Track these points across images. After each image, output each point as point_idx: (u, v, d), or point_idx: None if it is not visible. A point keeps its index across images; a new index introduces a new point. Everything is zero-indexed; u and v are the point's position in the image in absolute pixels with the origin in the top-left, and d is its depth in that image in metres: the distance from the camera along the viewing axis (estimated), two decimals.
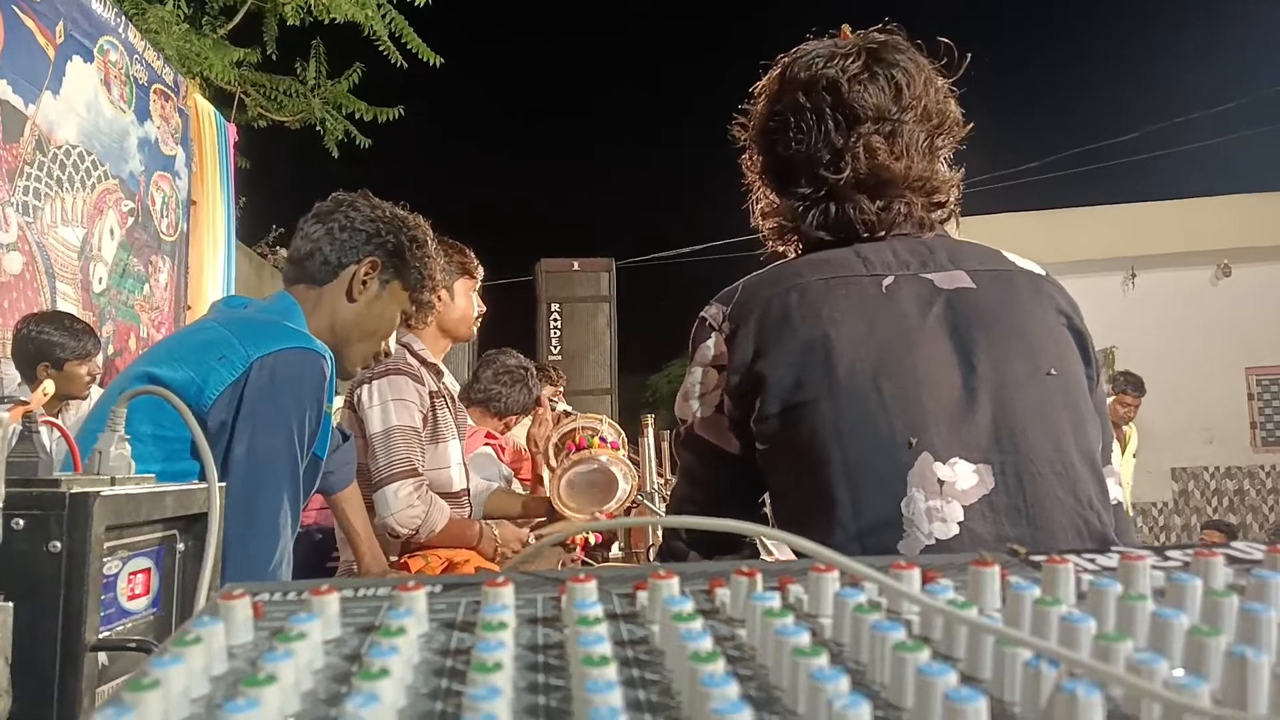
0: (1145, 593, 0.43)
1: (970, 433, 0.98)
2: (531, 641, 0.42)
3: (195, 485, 0.93)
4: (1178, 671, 0.35)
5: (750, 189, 1.27)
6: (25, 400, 0.83)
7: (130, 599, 0.84)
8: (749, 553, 1.19)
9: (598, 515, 2.39)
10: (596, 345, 7.48)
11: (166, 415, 1.30)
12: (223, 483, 0.95)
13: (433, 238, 1.74)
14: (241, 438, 1.34)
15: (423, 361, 2.37)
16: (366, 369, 1.96)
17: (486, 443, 3.09)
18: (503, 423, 3.30)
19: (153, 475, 0.93)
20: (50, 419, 0.86)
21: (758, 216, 1.26)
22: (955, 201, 1.18)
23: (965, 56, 1.17)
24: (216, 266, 6.13)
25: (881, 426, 0.99)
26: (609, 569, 0.55)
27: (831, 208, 1.13)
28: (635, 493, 2.43)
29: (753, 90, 1.22)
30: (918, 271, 1.08)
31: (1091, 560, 0.53)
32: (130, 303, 5.09)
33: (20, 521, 0.72)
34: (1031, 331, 1.06)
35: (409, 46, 7.94)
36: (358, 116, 8.51)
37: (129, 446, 0.92)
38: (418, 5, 7.69)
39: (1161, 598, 0.44)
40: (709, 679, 0.32)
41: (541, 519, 2.60)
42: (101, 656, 0.76)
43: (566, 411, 2.76)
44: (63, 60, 4.36)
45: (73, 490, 0.74)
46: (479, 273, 2.52)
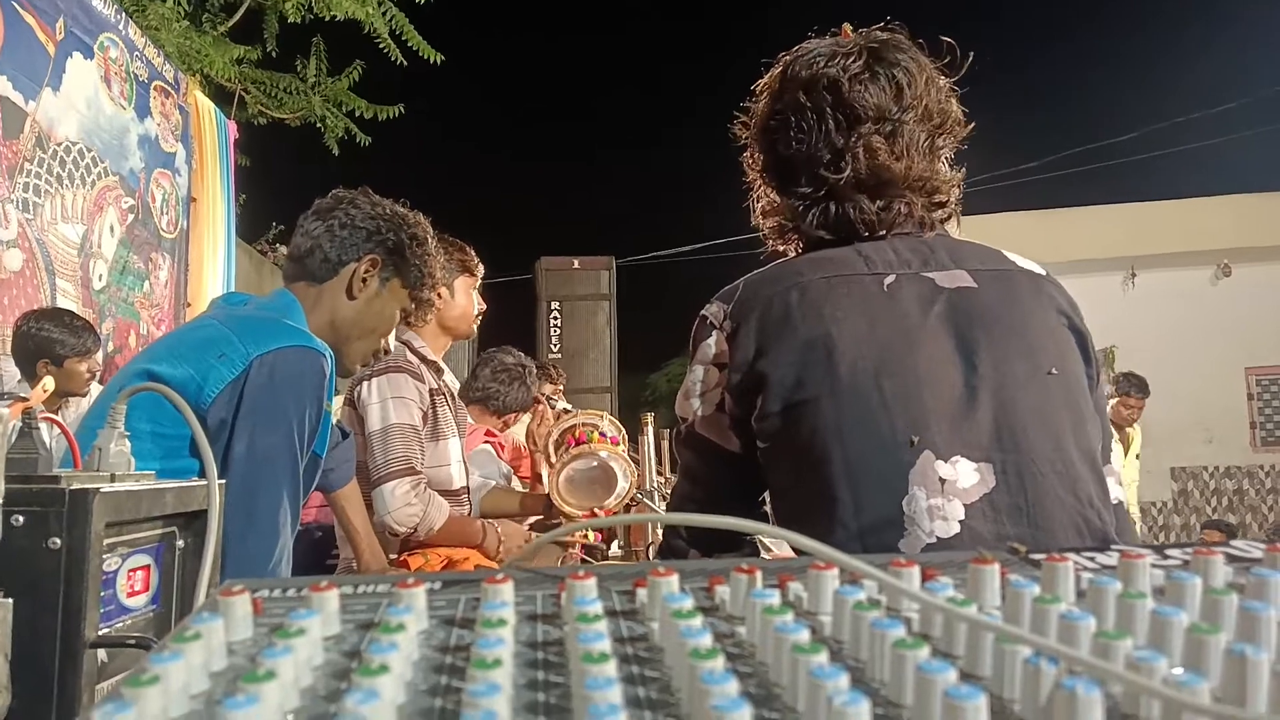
0: (1145, 591, 0.44)
1: (971, 431, 0.98)
2: (531, 638, 0.42)
3: (195, 482, 0.93)
4: (1177, 669, 0.35)
5: (751, 187, 1.27)
6: (25, 397, 0.83)
7: (130, 596, 0.84)
8: (749, 551, 1.19)
9: (597, 512, 2.39)
10: (596, 344, 7.49)
11: (165, 413, 1.30)
12: (222, 480, 0.95)
13: (433, 235, 1.74)
14: (241, 436, 1.34)
15: (423, 359, 2.37)
16: (366, 366, 1.96)
17: (486, 440, 3.09)
18: (501, 420, 3.30)
19: (152, 472, 0.93)
20: (50, 415, 0.86)
21: (758, 215, 1.26)
22: (956, 201, 1.18)
23: (967, 56, 1.17)
24: (216, 264, 6.12)
25: (883, 425, 0.99)
26: (608, 566, 0.55)
27: (831, 207, 1.13)
28: (634, 490, 2.43)
29: (754, 89, 1.22)
30: (919, 270, 1.08)
31: (1091, 558, 0.53)
32: (130, 300, 5.09)
33: (20, 518, 0.72)
34: (1032, 331, 1.06)
35: (409, 44, 7.93)
36: (358, 114, 8.51)
37: (129, 443, 0.92)
38: (418, 3, 7.69)
39: (1161, 596, 0.44)
40: (708, 676, 0.32)
41: (539, 517, 2.60)
42: (101, 653, 0.76)
43: (566, 410, 2.76)
44: (63, 57, 4.36)
45: (72, 487, 0.74)
46: (479, 270, 2.52)
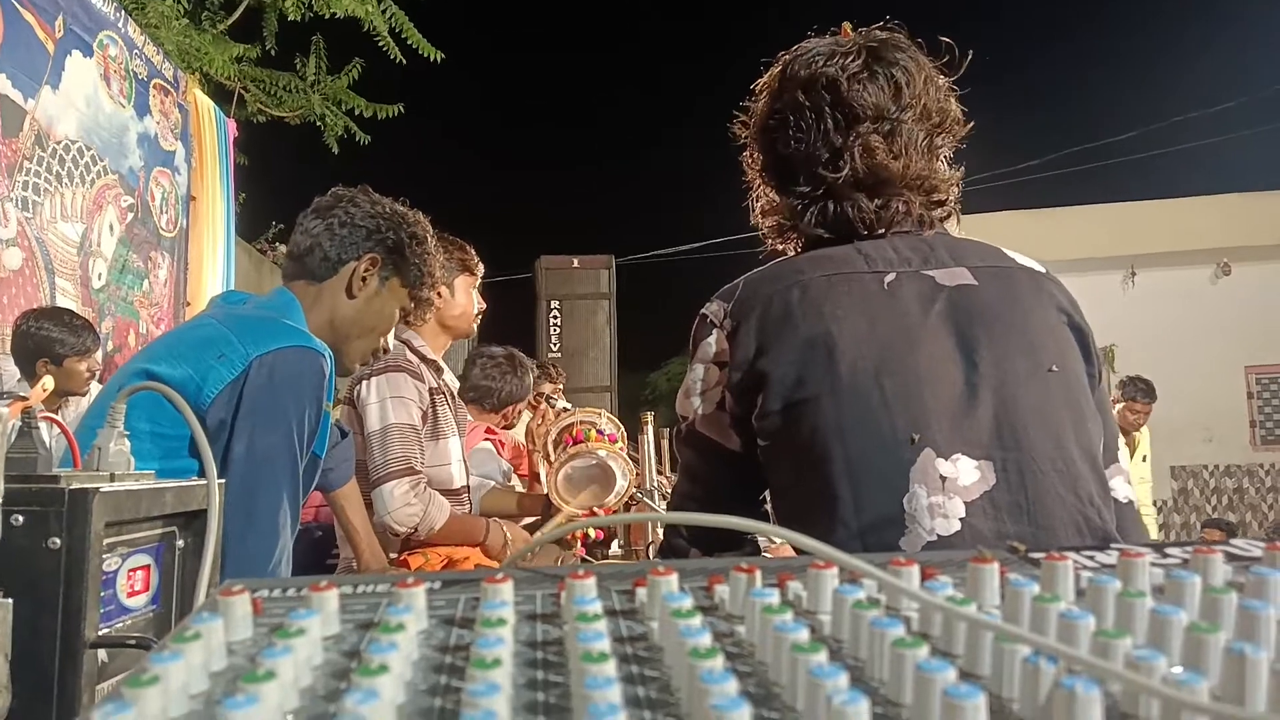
0: (1144, 590, 0.44)
1: (972, 429, 0.98)
2: (530, 638, 0.42)
3: (195, 482, 0.93)
4: (1176, 668, 0.35)
5: (750, 187, 1.27)
6: (25, 396, 0.83)
7: (130, 596, 0.84)
8: (750, 550, 1.19)
9: (597, 511, 2.39)
10: (596, 343, 7.49)
11: (164, 413, 1.30)
12: (222, 480, 0.95)
13: (432, 234, 1.74)
14: (241, 436, 1.34)
15: (423, 358, 2.37)
16: (365, 365, 1.96)
17: (486, 438, 3.09)
18: (501, 416, 3.29)
19: (152, 472, 0.93)
20: (50, 415, 0.86)
21: (758, 214, 1.26)
22: (955, 200, 1.18)
23: (966, 55, 1.17)
24: (216, 262, 6.12)
25: (883, 423, 0.98)
26: (608, 566, 0.55)
27: (830, 206, 1.13)
28: (634, 488, 2.42)
29: (754, 88, 1.22)
30: (919, 268, 1.08)
31: (1091, 557, 0.53)
32: (129, 299, 5.08)
33: (20, 518, 0.72)
34: (1033, 328, 1.06)
35: (409, 42, 7.93)
36: (357, 113, 8.50)
37: (128, 443, 0.92)
38: (418, 0, 7.69)
39: (1160, 595, 0.44)
40: (708, 675, 0.32)
41: (538, 517, 2.60)
42: (101, 653, 0.76)
43: (565, 408, 2.76)
44: (62, 55, 4.35)
45: (72, 486, 0.74)
46: (479, 269, 2.52)
